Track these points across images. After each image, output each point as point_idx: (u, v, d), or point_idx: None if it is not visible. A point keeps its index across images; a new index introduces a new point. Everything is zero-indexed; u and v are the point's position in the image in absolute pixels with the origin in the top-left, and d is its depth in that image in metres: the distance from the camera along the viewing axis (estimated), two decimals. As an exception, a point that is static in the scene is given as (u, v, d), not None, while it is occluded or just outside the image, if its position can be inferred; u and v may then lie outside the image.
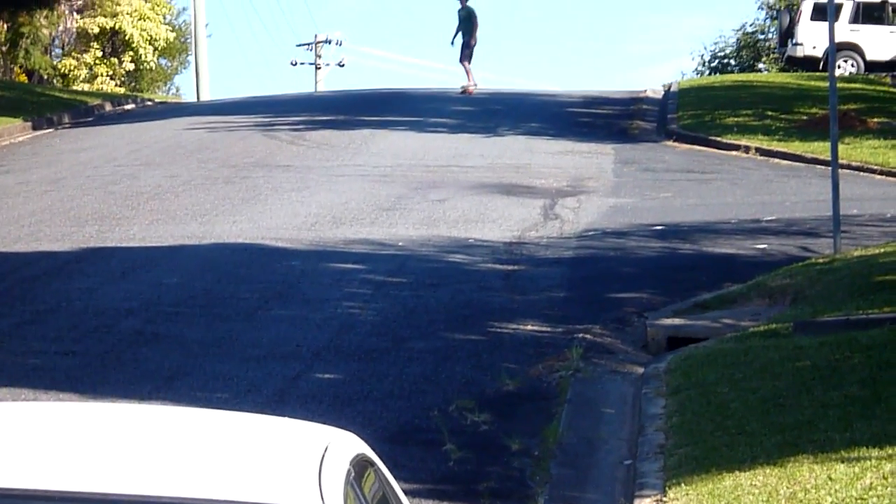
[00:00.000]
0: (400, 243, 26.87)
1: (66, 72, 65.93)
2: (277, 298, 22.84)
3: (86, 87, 63.76)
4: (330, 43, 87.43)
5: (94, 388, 15.37)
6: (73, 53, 68.29)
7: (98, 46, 68.05)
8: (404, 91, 55.42)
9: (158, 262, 25.43)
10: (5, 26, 59.59)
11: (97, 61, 66.66)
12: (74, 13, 65.43)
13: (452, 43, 46.64)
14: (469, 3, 46.51)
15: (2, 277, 23.95)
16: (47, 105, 52.07)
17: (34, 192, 33.66)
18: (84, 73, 66.40)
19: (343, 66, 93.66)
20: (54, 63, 65.84)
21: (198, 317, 21.45)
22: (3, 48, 61.93)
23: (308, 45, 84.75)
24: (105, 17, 65.85)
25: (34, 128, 46.26)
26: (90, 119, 50.32)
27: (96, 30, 67.25)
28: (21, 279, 24.18)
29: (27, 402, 12.80)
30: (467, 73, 43.25)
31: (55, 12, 61.00)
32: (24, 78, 61.51)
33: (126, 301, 22.23)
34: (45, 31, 64.05)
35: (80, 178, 34.76)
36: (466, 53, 43.34)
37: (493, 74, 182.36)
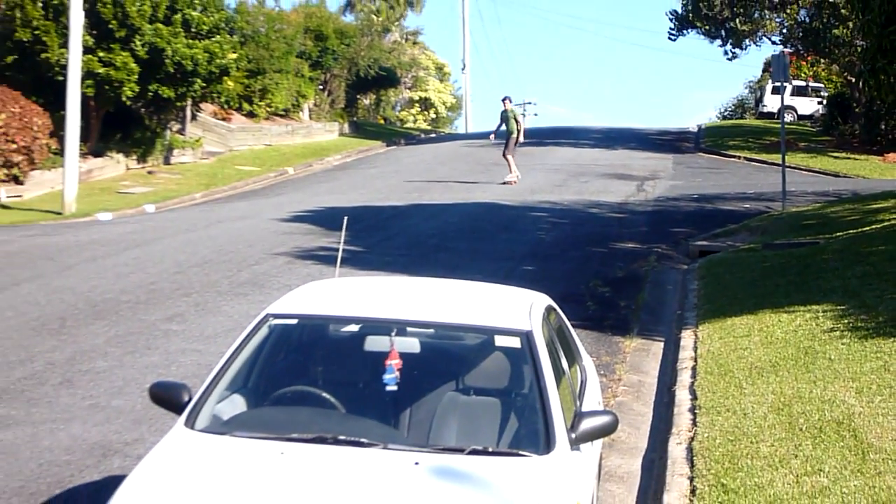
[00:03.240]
0: (564, 203, 32.97)
1: (402, 118, 75.30)
2: (503, 230, 27.29)
3: (411, 125, 72.56)
4: (530, 103, 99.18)
5: (415, 272, 17.07)
6: (404, 109, 76.98)
7: (417, 104, 75.99)
8: (568, 127, 65.63)
9: (446, 211, 30.45)
10: (373, 96, 69.61)
11: (417, 113, 76.05)
12: (406, 88, 75.01)
13: (491, 136, 39.67)
14: (513, 106, 40.05)
15: (372, 218, 28.12)
16: (393, 134, 61.14)
17: (385, 176, 40.48)
18: (411, 118, 75.48)
19: (536, 115, 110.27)
20: (396, 113, 75.64)
21: (465, 239, 25.42)
22: (373, 107, 71.65)
23: (519, 104, 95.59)
24: (422, 91, 75.62)
25: (387, 145, 55.43)
26: (413, 141, 59.65)
27: (416, 97, 75.50)
28: (380, 219, 28.66)
29: (384, 276, 16.01)
30: (509, 166, 36.64)
31: (397, 89, 72.10)
32: (381, 121, 69.98)
33: (431, 230, 26.69)
34: (392, 98, 74.54)
35: (409, 169, 42.31)
36: (511, 149, 36.67)
37: (565, 110, 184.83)
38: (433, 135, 65.93)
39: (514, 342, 8.09)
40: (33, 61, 37.33)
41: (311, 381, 8.05)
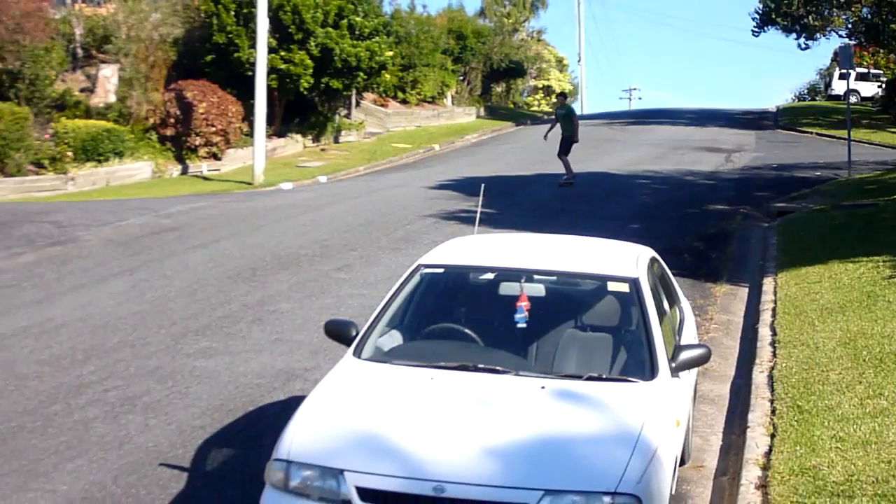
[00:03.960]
0: (664, 172, 32.26)
1: (528, 103, 71.63)
2: (613, 195, 26.94)
3: (535, 108, 69.49)
4: (635, 89, 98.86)
5: (540, 230, 16.02)
6: (530, 95, 72.79)
7: (541, 91, 71.83)
8: (666, 108, 63.90)
9: (533, 183, 29.58)
10: (504, 85, 66.96)
11: (540, 98, 71.89)
12: (531, 78, 71.24)
13: (546, 137, 30.92)
14: (568, 102, 33.89)
15: (503, 186, 26.91)
16: (521, 116, 59.81)
17: (514, 151, 40.20)
18: (535, 103, 71.82)
19: (640, 98, 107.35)
20: (523, 99, 72.00)
21: (580, 202, 25.15)
22: (504, 93, 68.43)
23: (625, 90, 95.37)
24: (544, 80, 71.69)
25: (516, 125, 54.87)
26: (538, 122, 55.49)
27: (540, 85, 71.67)
28: (510, 186, 27.73)
29: (514, 233, 14.65)
30: (566, 166, 29.46)
31: (524, 78, 69.52)
32: (511, 105, 67.53)
33: (552, 196, 26.42)
34: (520, 86, 71.15)
35: (533, 145, 40.20)
36: (565, 148, 29.49)
37: (663, 94, 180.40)
38: (553, 117, 64.70)
39: (624, 287, 8.11)
40: (228, 60, 38.01)
41: (455, 320, 8.11)
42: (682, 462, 8.72)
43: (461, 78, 60.02)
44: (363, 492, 6.18)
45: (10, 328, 13.98)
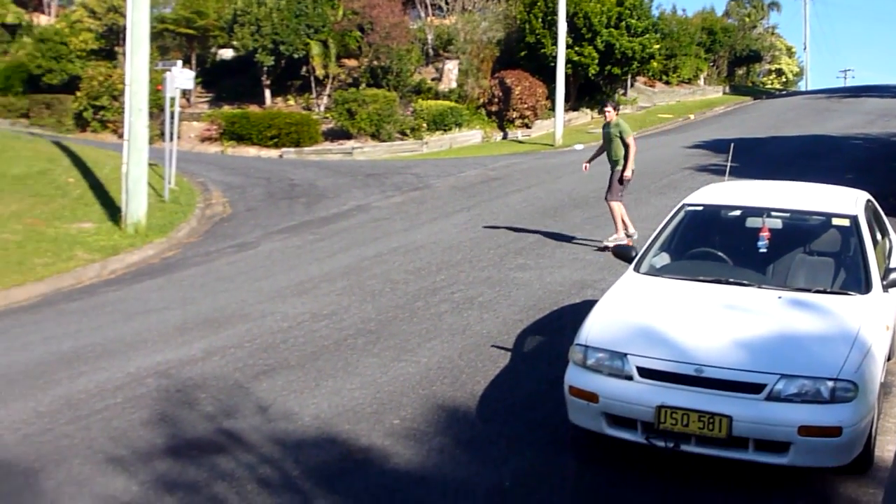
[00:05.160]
0: (873, 135, 28.72)
1: (763, 82, 63.60)
2: (831, 152, 24.85)
3: (769, 86, 62.12)
4: (849, 70, 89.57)
5: (774, 178, 11.86)
6: (765, 76, 64.50)
7: (773, 73, 64.16)
8: (877, 85, 55.02)
9: (791, 140, 27.84)
10: (745, 68, 58.62)
11: (773, 79, 64.24)
12: (766, 63, 63.42)
13: (586, 167, 14.73)
14: (619, 119, 14.18)
15: (744, 145, 24.06)
16: (758, 92, 52.95)
17: (752, 119, 35.08)
18: (769, 82, 63.96)
19: (854, 77, 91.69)
20: (759, 79, 63.58)
21: (805, 158, 22.99)
22: (744, 75, 59.37)
23: (841, 71, 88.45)
24: (776, 64, 64.29)
25: (754, 99, 50.41)
26: (772, 96, 50.56)
27: (772, 68, 63.79)
28: (749, 145, 25.41)
29: (755, 181, 11.52)
30: (614, 218, 13.95)
31: (760, 63, 61.46)
32: (749, 84, 58.63)
33: (782, 152, 24.43)
34: (757, 69, 61.54)
35: (767, 114, 37.45)
36: (617, 191, 13.98)
37: (874, 73, 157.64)
38: (784, 92, 60.56)
39: (845, 222, 7.74)
40: (536, 55, 37.95)
41: (710, 245, 7.89)
42: (889, 358, 8.19)
43: (711, 63, 57.87)
44: (641, 370, 6.21)
45: (386, 248, 14.50)
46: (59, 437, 7.28)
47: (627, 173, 13.83)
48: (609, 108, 14.11)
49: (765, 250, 7.51)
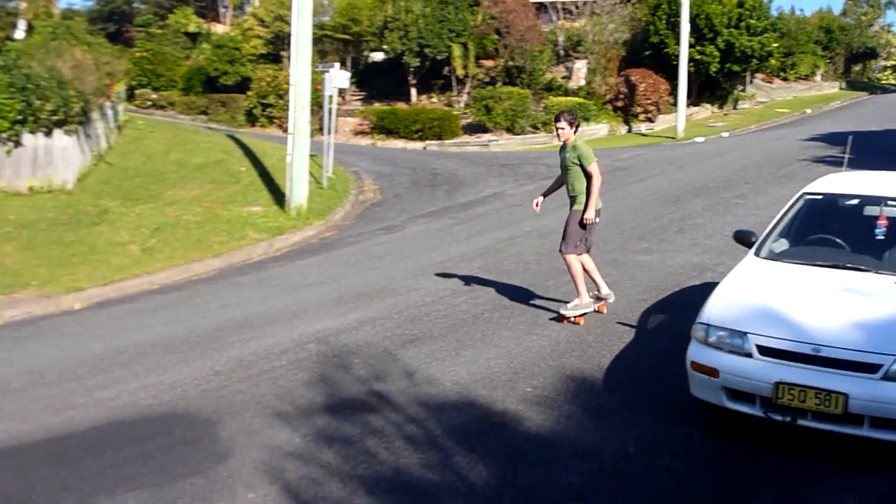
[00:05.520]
0: None
1: (879, 78, 60.28)
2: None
3: (885, 81, 58.73)
4: None
5: (889, 169, 9.97)
6: (881, 72, 61.37)
7: (889, 69, 60.49)
8: None
9: (883, 136, 26.04)
10: (861, 65, 55.57)
11: (889, 75, 60.19)
12: (882, 60, 59.74)
13: (537, 205, 9.58)
14: (578, 140, 8.86)
15: (858, 138, 17.89)
16: (873, 87, 51.18)
17: (868, 113, 34.42)
18: (885, 77, 60.47)
19: None
20: (876, 75, 60.64)
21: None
22: (861, 71, 56.73)
23: None
24: (893, 60, 60.56)
25: (869, 94, 48.37)
26: (887, 91, 47.57)
27: (888, 64, 60.37)
28: (864, 138, 22.98)
29: (870, 171, 10.86)
30: (574, 278, 8.90)
31: (876, 60, 58.26)
32: (865, 80, 56.22)
33: (892, 144, 22.78)
34: (873, 65, 58.52)
35: (882, 108, 34.64)
36: (576, 236, 8.77)
37: None
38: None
39: None
40: (659, 54, 37.22)
41: (829, 232, 7.53)
42: None
43: (828, 60, 55.34)
44: (761, 348, 6.03)
45: (519, 231, 14.55)
46: (233, 392, 7.55)
47: (590, 215, 8.82)
48: (563, 125, 8.86)
49: (882, 238, 7.15)
